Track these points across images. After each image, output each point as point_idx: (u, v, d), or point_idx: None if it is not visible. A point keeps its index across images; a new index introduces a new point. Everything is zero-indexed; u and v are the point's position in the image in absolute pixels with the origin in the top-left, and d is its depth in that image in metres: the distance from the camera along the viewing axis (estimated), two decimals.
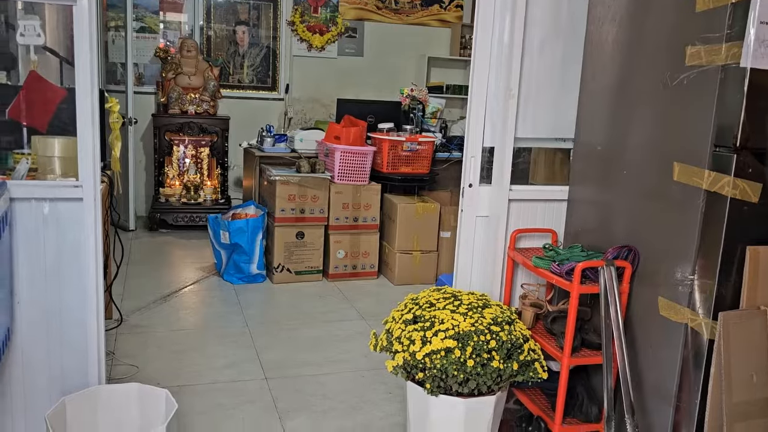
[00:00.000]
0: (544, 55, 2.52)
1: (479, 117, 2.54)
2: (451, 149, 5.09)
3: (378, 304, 4.20)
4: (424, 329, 2.16)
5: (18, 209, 2.04)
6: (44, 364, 2.14)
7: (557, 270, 2.26)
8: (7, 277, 1.97)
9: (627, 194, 2.28)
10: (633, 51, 2.27)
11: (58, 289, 2.13)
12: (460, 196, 2.62)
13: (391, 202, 4.71)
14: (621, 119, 2.32)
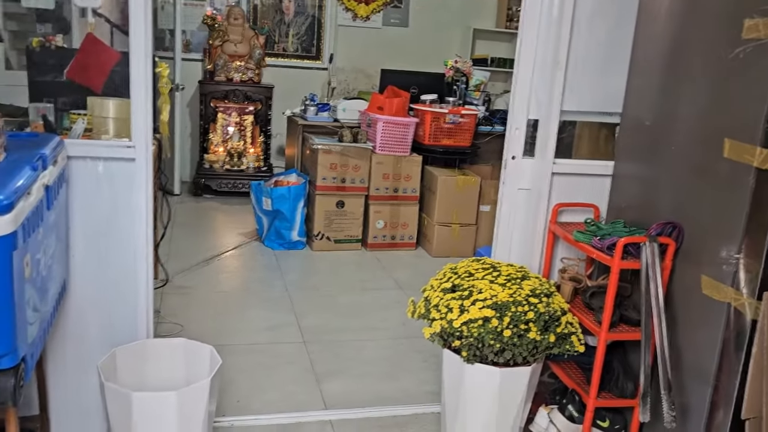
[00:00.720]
0: (594, 26, 2.48)
1: (525, 89, 2.51)
2: (494, 123, 5.05)
3: (415, 274, 4.23)
4: (462, 298, 2.18)
5: (74, 167, 2.12)
6: (96, 316, 2.23)
7: (598, 245, 2.25)
8: (64, 232, 2.05)
9: (674, 170, 2.24)
10: (687, 22, 2.21)
11: (110, 245, 2.22)
12: (502, 169, 2.61)
13: (432, 174, 4.71)
14: (671, 93, 2.27)
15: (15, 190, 1.45)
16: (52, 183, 1.79)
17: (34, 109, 2.35)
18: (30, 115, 2.38)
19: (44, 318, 1.77)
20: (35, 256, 1.63)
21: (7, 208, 1.39)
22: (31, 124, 2.31)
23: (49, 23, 3.79)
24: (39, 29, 3.80)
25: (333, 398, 2.70)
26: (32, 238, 1.58)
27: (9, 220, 1.39)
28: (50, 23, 3.79)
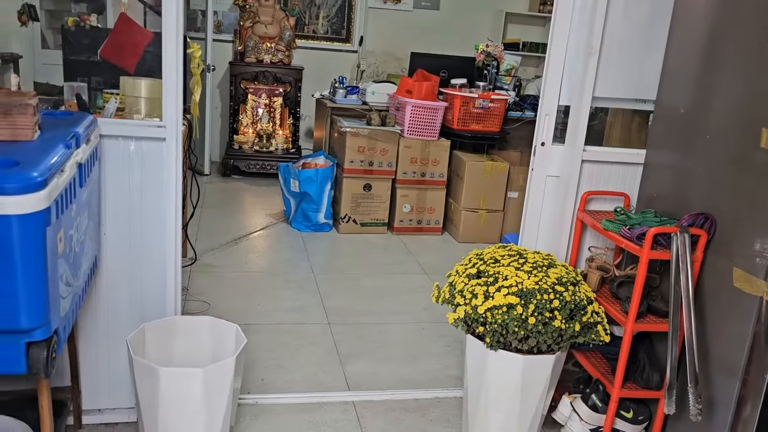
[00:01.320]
0: (629, 10, 2.42)
1: (557, 74, 2.48)
2: (524, 108, 5.00)
3: (441, 259, 4.23)
4: (487, 284, 2.17)
5: (106, 146, 2.15)
6: (126, 292, 2.28)
7: (628, 234, 2.22)
8: (96, 209, 2.09)
9: (708, 160, 2.20)
10: (726, 8, 2.15)
11: (140, 223, 2.25)
12: (532, 155, 2.58)
13: (460, 159, 4.68)
14: (708, 81, 2.22)
15: (49, 167, 1.48)
16: (84, 161, 1.82)
17: (68, 87, 2.39)
18: (65, 94, 2.42)
19: (76, 292, 1.81)
20: (68, 233, 1.66)
21: (41, 185, 1.42)
22: (66, 102, 2.35)
23: (83, 3, 3.84)
24: (74, 9, 3.86)
25: (356, 380, 2.73)
26: (65, 215, 1.61)
27: (43, 197, 1.42)
28: (85, 3, 3.84)
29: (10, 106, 1.61)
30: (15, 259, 1.43)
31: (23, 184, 1.38)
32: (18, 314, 1.47)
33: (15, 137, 1.63)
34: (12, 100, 1.64)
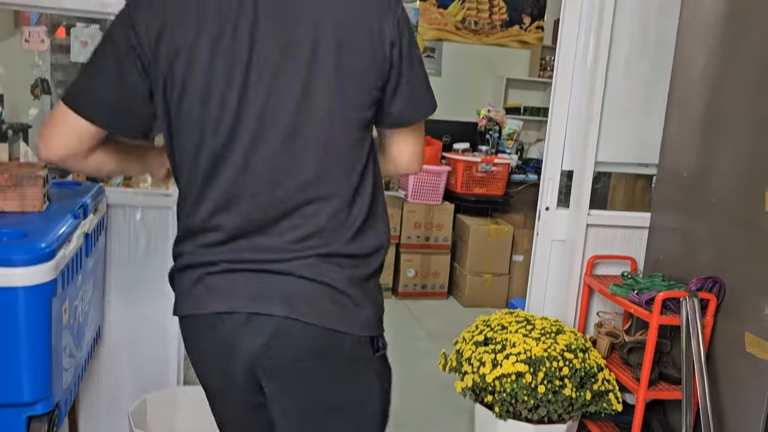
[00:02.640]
0: (629, 77, 2.48)
1: (559, 139, 2.51)
2: (527, 172, 5.04)
3: (447, 324, 4.17)
4: (495, 352, 2.14)
5: (113, 214, 2.16)
6: (128, 362, 2.25)
7: (636, 299, 2.20)
8: (101, 278, 2.09)
9: (713, 223, 2.20)
10: (724, 75, 2.20)
11: (144, 292, 2.24)
12: (536, 219, 2.59)
13: (464, 222, 4.69)
14: (709, 145, 2.25)
15: (56, 238, 1.48)
16: (91, 231, 1.83)
17: None
18: None
19: (79, 364, 1.78)
20: (73, 303, 1.65)
21: (48, 256, 1.42)
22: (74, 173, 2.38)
23: None
24: None
25: None
26: (71, 285, 1.61)
27: (50, 268, 1.42)
28: None
29: (20, 178, 1.64)
30: (20, 331, 1.42)
31: (31, 256, 1.39)
32: (20, 387, 1.45)
33: (24, 208, 1.64)
34: (23, 172, 1.66)
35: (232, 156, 1.11)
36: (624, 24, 2.43)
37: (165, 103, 1.13)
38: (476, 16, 6.86)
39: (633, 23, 2.44)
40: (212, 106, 1.10)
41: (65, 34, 3.44)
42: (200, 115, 1.11)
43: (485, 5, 6.86)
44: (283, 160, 1.12)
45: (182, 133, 1.14)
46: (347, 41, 1.12)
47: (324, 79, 1.11)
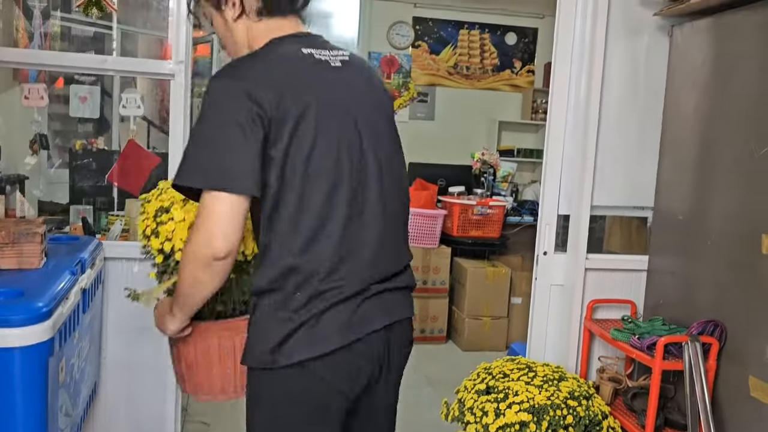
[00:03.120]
0: (620, 122, 2.51)
1: (554, 183, 2.53)
2: (523, 213, 5.06)
3: (446, 370, 4.12)
4: (497, 400, 2.11)
5: (110, 268, 2.15)
6: (124, 418, 2.21)
7: (637, 344, 2.18)
8: (97, 333, 2.06)
9: (712, 266, 2.20)
10: (715, 118, 2.23)
11: (140, 346, 2.22)
12: (534, 264, 2.59)
13: (461, 266, 4.68)
14: (704, 188, 2.26)
15: (54, 297, 1.47)
16: (89, 286, 1.81)
17: (74, 210, 2.42)
18: (70, 216, 2.46)
19: (75, 422, 1.75)
20: (70, 361, 1.63)
21: (46, 316, 1.41)
22: (71, 225, 2.38)
23: (90, 124, 3.98)
24: (80, 128, 3.98)
25: None
26: (68, 343, 1.59)
27: (47, 327, 1.41)
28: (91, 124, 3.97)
29: (18, 235, 1.63)
30: (15, 392, 1.40)
31: (28, 316, 1.38)
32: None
33: (21, 266, 1.64)
34: (20, 229, 1.66)
35: (361, 205, 1.36)
36: (614, 67, 2.47)
37: (287, 159, 1.28)
38: (468, 61, 6.99)
39: (623, 67, 2.48)
40: (343, 159, 1.32)
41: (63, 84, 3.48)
42: (333, 168, 1.31)
43: (476, 51, 7.00)
44: (394, 205, 1.45)
45: (311, 185, 1.30)
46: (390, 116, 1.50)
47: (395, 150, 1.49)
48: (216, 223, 1.24)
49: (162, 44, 4.02)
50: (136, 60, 2.93)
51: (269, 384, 1.33)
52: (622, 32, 2.46)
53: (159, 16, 3.52)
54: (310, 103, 1.29)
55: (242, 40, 1.44)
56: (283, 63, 1.34)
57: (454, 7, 6.83)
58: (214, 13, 1.47)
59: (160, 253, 1.53)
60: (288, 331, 1.29)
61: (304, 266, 1.30)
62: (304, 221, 1.29)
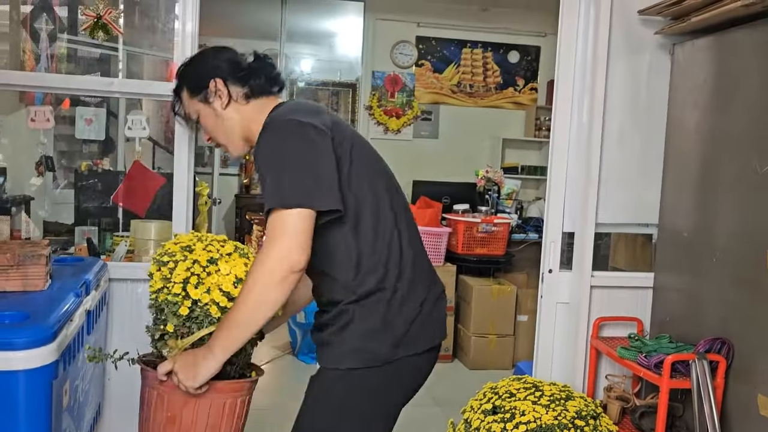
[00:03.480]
0: (623, 140, 2.52)
1: (558, 201, 2.53)
2: (527, 231, 5.05)
3: (452, 389, 4.09)
4: (504, 420, 2.09)
5: (115, 289, 2.16)
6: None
7: (644, 362, 2.17)
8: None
9: (718, 283, 2.19)
10: (718, 136, 2.23)
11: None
12: (540, 282, 2.58)
13: (466, 283, 4.67)
14: (708, 205, 2.26)
15: (58, 319, 1.47)
16: (93, 307, 1.82)
17: (79, 231, 2.43)
18: (75, 237, 2.46)
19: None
20: (74, 383, 1.63)
21: (50, 339, 1.40)
22: (76, 246, 2.39)
23: (95, 144, 4.00)
24: (86, 149, 4.01)
25: None
26: (72, 366, 1.59)
27: (51, 350, 1.40)
28: (97, 145, 4.00)
29: (23, 257, 1.64)
30: (19, 415, 1.39)
31: (32, 339, 1.38)
32: None
33: (26, 288, 1.64)
34: (25, 251, 1.66)
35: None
36: (616, 85, 2.48)
37: (354, 176, 1.49)
38: (471, 79, 7.02)
39: (625, 85, 2.49)
40: (389, 186, 1.59)
41: (69, 105, 3.51)
42: (382, 184, 1.57)
43: (479, 69, 7.04)
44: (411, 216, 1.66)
45: (377, 198, 1.53)
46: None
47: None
48: (296, 238, 1.36)
49: (167, 65, 4.05)
50: (141, 82, 2.95)
51: (378, 377, 1.49)
52: (624, 51, 2.47)
53: (164, 38, 3.56)
54: (344, 130, 1.53)
55: (235, 123, 1.61)
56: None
57: (456, 27, 6.88)
58: (202, 107, 1.63)
59: (191, 302, 1.52)
60: (406, 327, 1.49)
61: (393, 269, 1.49)
62: (382, 229, 1.50)
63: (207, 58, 1.67)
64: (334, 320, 1.50)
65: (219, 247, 1.59)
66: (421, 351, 1.53)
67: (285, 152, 1.41)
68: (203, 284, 1.52)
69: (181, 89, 1.68)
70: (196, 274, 1.52)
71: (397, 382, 1.54)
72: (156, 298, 1.57)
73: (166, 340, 1.56)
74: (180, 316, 1.52)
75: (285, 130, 1.45)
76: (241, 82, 1.61)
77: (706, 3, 2.17)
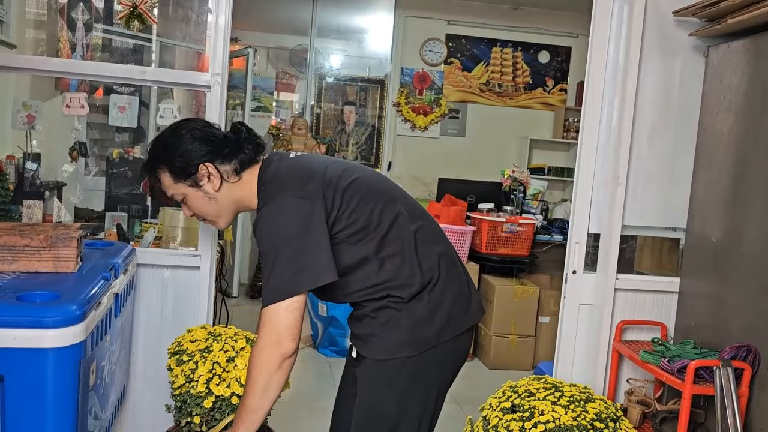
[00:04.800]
0: (653, 142, 2.49)
1: (585, 202, 2.51)
2: (552, 232, 5.02)
3: (471, 388, 4.08)
4: (522, 419, 2.09)
5: (142, 274, 2.19)
6: (152, 422, 2.23)
7: (667, 367, 2.15)
8: (128, 337, 2.10)
9: (745, 290, 2.16)
10: (751, 142, 2.19)
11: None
12: (563, 283, 2.56)
13: (489, 283, 4.66)
14: (738, 211, 2.23)
15: (88, 300, 1.51)
16: (121, 291, 1.85)
17: (110, 217, 2.48)
18: (105, 223, 2.51)
19: (103, 426, 1.78)
20: (101, 364, 1.66)
21: (79, 318, 1.44)
22: (106, 231, 2.44)
23: (127, 133, 4.07)
24: (117, 138, 4.08)
25: None
26: (99, 346, 1.62)
27: (80, 330, 1.44)
28: (128, 133, 4.07)
29: (55, 239, 1.68)
30: (47, 392, 1.43)
31: (62, 318, 1.41)
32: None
33: (57, 269, 1.68)
34: (57, 233, 1.70)
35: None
36: (648, 87, 2.45)
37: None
38: (500, 79, 6.99)
39: (657, 87, 2.46)
40: (400, 203, 1.72)
41: (102, 94, 3.58)
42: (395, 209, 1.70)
43: (509, 68, 7.00)
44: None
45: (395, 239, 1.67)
46: None
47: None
48: (283, 330, 1.51)
49: (198, 57, 4.10)
50: (174, 71, 2.99)
51: (430, 359, 1.66)
52: (657, 52, 2.44)
53: (198, 29, 3.60)
54: (351, 173, 1.65)
55: (228, 201, 1.66)
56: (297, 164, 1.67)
57: (487, 25, 6.85)
58: (191, 192, 1.64)
59: (214, 397, 1.74)
60: (447, 314, 1.66)
61: (428, 273, 1.65)
62: (407, 251, 1.65)
63: (184, 140, 1.63)
64: (375, 313, 1.65)
65: (233, 344, 1.75)
66: (461, 332, 1.71)
67: (275, 244, 1.52)
68: (224, 381, 1.72)
69: (159, 172, 1.65)
70: (218, 374, 1.73)
71: (448, 360, 1.74)
72: (180, 392, 1.76)
73: (191, 427, 1.77)
74: (204, 407, 1.74)
75: (278, 215, 1.53)
76: (228, 160, 1.63)
77: (743, 5, 2.13)
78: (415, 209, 1.73)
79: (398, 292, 1.62)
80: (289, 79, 6.82)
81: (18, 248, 1.65)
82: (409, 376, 1.67)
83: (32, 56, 3.27)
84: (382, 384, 1.68)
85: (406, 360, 1.64)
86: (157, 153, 1.66)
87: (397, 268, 1.62)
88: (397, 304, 1.63)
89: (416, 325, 1.63)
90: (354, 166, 1.74)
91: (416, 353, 1.64)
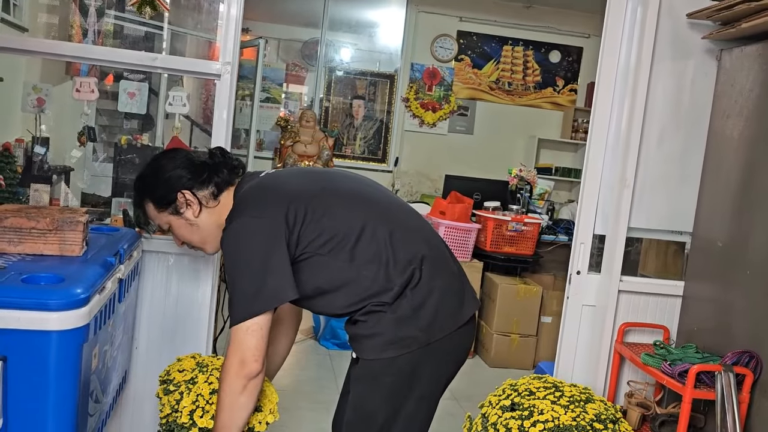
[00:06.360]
0: (662, 145, 2.47)
1: (591, 203, 2.50)
2: (558, 232, 5.01)
3: (471, 385, 4.08)
4: (522, 418, 2.09)
5: (147, 260, 2.20)
6: (153, 408, 2.24)
7: (669, 370, 2.14)
8: (131, 323, 2.11)
9: (750, 296, 2.15)
10: (761, 147, 2.18)
11: (173, 336, 2.26)
12: (567, 283, 2.56)
13: (492, 281, 4.65)
14: (746, 216, 2.22)
15: (92, 284, 1.51)
16: (125, 276, 1.86)
17: (116, 203, 2.49)
18: (112, 209, 2.52)
19: (103, 410, 1.79)
20: (103, 348, 1.67)
21: (83, 302, 1.44)
22: (112, 217, 2.44)
23: (135, 120, 4.08)
24: (126, 124, 4.09)
25: None
26: (102, 331, 1.63)
27: (83, 314, 1.44)
28: (137, 120, 4.08)
29: (61, 222, 1.68)
30: (49, 374, 1.44)
31: (66, 301, 1.41)
32: (45, 429, 1.45)
33: (63, 252, 1.69)
34: (64, 217, 1.71)
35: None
36: (659, 89, 2.43)
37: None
38: (510, 77, 6.97)
39: (668, 89, 2.45)
40: (378, 205, 1.77)
41: (112, 80, 3.58)
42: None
43: (519, 67, 6.98)
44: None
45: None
46: None
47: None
48: (247, 351, 1.53)
49: (209, 46, 4.11)
50: (185, 59, 3.00)
51: (419, 359, 1.65)
52: (669, 55, 2.42)
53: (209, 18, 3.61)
54: (322, 183, 1.70)
55: (211, 225, 1.71)
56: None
57: (498, 23, 6.84)
58: (173, 219, 1.71)
59: (197, 429, 1.77)
60: (434, 310, 1.64)
61: (410, 272, 1.65)
62: (374, 254, 1.65)
63: (164, 170, 1.71)
64: (366, 317, 1.64)
65: (218, 375, 1.75)
66: (455, 328, 1.68)
67: (235, 265, 1.56)
68: (208, 413, 1.75)
69: (144, 203, 1.75)
70: (201, 407, 1.76)
71: (444, 359, 1.72)
72: (167, 420, 1.81)
73: None
74: None
75: (236, 236, 1.57)
76: (205, 185, 1.69)
77: (758, 9, 2.12)
78: (392, 210, 1.74)
79: (381, 297, 1.62)
80: (298, 71, 6.82)
81: (24, 230, 1.66)
82: (399, 374, 1.66)
83: (44, 39, 3.27)
84: (369, 382, 1.68)
85: (395, 359, 1.64)
86: (139, 185, 1.76)
87: (374, 274, 1.62)
88: (383, 306, 1.63)
89: (400, 323, 1.63)
90: (331, 176, 1.77)
91: (405, 352, 1.63)
